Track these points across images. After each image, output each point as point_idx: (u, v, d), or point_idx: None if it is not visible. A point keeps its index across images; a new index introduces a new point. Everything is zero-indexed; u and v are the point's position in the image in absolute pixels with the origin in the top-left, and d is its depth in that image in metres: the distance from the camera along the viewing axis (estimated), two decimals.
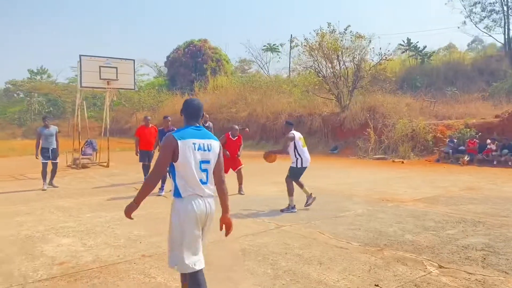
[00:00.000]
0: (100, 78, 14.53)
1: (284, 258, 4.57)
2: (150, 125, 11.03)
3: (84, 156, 15.01)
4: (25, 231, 5.97)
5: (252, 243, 5.15)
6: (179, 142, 2.92)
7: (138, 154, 10.78)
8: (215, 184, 3.21)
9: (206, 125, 12.21)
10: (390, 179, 10.80)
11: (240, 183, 9.01)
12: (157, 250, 4.93)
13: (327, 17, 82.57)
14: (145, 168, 10.70)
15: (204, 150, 3.02)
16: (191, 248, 3.05)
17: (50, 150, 10.19)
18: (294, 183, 7.23)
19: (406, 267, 4.26)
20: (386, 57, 20.37)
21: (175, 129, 9.09)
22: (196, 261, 3.03)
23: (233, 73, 41.18)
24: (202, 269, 3.09)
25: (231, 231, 3.38)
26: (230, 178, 9.45)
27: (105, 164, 14.83)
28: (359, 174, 11.93)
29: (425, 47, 29.49)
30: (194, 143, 2.97)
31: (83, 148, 15.22)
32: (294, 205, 7.10)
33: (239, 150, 9.17)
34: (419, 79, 26.27)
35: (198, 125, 3.10)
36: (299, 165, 7.19)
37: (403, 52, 31.25)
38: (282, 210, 7.08)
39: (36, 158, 10.18)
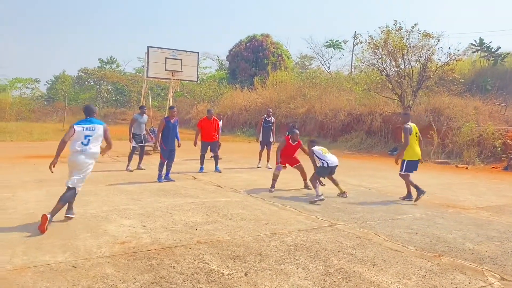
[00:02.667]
0: (165, 69, 15.10)
1: (336, 256, 4.55)
2: (212, 117, 11.41)
3: (149, 144, 15.64)
4: (91, 210, 6.38)
5: (305, 238, 5.16)
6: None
7: (196, 145, 11.19)
8: None
9: (269, 119, 12.37)
10: (452, 185, 10.34)
11: (304, 179, 8.99)
12: (211, 238, 5.07)
13: (394, 14, 79.83)
14: (202, 158, 11.13)
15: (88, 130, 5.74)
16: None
17: (142, 135, 11.23)
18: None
19: (465, 276, 4.09)
20: (455, 57, 19.37)
21: (177, 119, 9.63)
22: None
23: (293, 68, 41.04)
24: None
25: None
26: (290, 174, 9.51)
27: None
28: (419, 177, 11.47)
29: (499, 48, 27.65)
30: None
31: (147, 136, 15.87)
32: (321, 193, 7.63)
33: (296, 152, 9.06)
34: (490, 82, 24.74)
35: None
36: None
37: (474, 52, 29.56)
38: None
39: (130, 142, 11.25)
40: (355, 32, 28.89)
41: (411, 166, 8.08)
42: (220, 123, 12.65)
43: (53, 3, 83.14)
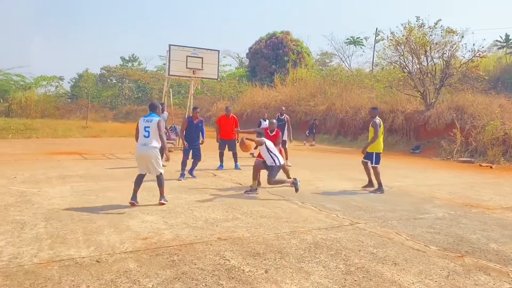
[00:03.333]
0: (187, 67, 15.23)
1: (357, 255, 4.52)
2: (231, 115, 11.43)
3: (168, 141, 15.82)
4: (114, 206, 6.49)
5: (325, 237, 5.15)
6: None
7: (218, 141, 11.26)
8: None
9: (282, 117, 12.36)
10: (475, 184, 10.14)
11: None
12: (232, 235, 5.11)
13: (416, 10, 78.44)
14: (221, 156, 11.20)
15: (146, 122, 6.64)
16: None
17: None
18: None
19: (489, 277, 4.02)
20: (479, 54, 18.94)
21: (202, 119, 9.68)
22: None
23: (313, 66, 40.81)
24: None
25: None
26: (309, 172, 9.50)
27: None
28: (442, 176, 11.32)
29: None
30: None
31: (167, 133, 16.08)
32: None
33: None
34: None
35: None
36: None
37: (500, 48, 28.86)
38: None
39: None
40: (376, 29, 28.61)
41: (379, 158, 8.66)
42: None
43: (76, 3, 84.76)
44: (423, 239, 5.22)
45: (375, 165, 8.56)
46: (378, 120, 8.65)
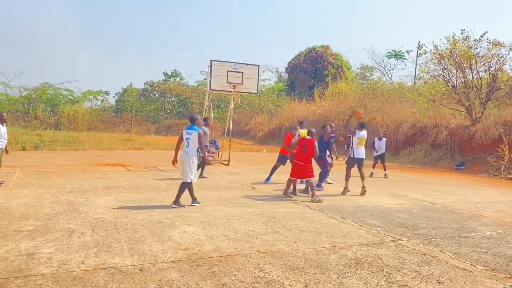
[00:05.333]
0: (227, 82, 15.50)
1: (399, 272, 4.41)
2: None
3: (208, 154, 16.09)
4: (156, 216, 6.66)
5: (366, 253, 5.06)
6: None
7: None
8: None
9: (332, 134, 12.26)
10: None
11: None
12: (271, 248, 5.11)
13: (461, 23, 76.25)
14: (274, 170, 11.18)
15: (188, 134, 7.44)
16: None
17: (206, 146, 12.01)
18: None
19: None
20: None
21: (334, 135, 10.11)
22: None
23: (353, 79, 40.43)
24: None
25: None
26: (351, 186, 9.39)
27: (226, 162, 15.73)
28: (489, 193, 10.86)
29: None
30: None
31: (207, 146, 16.35)
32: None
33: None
34: None
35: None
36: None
37: None
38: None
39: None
40: (419, 42, 28.07)
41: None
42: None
43: (122, 21, 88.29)
44: (469, 258, 5.02)
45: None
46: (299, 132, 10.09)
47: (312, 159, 9.04)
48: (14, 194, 8.35)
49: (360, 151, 9.89)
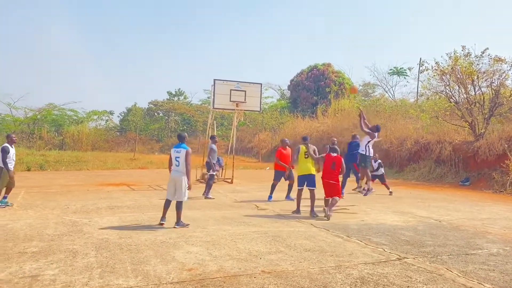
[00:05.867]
0: (230, 101, 15.61)
1: None
2: (287, 147, 11.57)
3: (211, 173, 16.07)
4: (160, 236, 6.64)
5: (372, 272, 5.01)
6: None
7: (293, 167, 11.54)
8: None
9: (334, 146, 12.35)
10: None
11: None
12: (275, 268, 5.08)
13: (462, 39, 76.58)
14: (274, 187, 11.26)
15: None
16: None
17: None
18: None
19: None
20: None
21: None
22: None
23: (355, 96, 40.57)
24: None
25: None
26: (357, 204, 9.33)
27: (230, 180, 15.70)
28: (495, 209, 10.77)
29: None
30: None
31: (214, 164, 16.33)
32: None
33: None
34: None
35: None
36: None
37: None
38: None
39: (211, 171, 12.02)
40: (420, 59, 28.14)
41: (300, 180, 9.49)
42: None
43: (126, 42, 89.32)
44: (476, 276, 4.97)
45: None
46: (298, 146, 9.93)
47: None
48: (19, 215, 8.36)
49: (372, 151, 10.61)
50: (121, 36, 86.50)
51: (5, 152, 9.33)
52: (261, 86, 16.98)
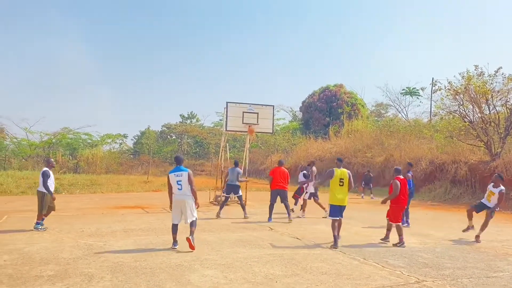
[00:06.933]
0: (243, 123, 15.69)
1: None
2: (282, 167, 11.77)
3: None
4: (175, 259, 6.61)
5: None
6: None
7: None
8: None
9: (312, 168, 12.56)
10: None
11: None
12: None
13: (474, 59, 76.33)
14: (272, 208, 11.40)
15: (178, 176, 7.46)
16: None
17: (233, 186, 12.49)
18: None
19: None
20: None
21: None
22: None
23: (368, 117, 40.49)
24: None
25: None
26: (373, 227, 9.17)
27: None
28: (509, 230, 10.54)
29: None
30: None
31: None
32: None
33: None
34: None
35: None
36: None
37: None
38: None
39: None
40: (432, 78, 28.07)
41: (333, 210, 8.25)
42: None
43: (141, 66, 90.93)
44: None
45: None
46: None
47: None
48: (35, 238, 8.42)
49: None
50: (135, 60, 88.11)
51: (46, 176, 9.59)
52: (273, 108, 17.06)
